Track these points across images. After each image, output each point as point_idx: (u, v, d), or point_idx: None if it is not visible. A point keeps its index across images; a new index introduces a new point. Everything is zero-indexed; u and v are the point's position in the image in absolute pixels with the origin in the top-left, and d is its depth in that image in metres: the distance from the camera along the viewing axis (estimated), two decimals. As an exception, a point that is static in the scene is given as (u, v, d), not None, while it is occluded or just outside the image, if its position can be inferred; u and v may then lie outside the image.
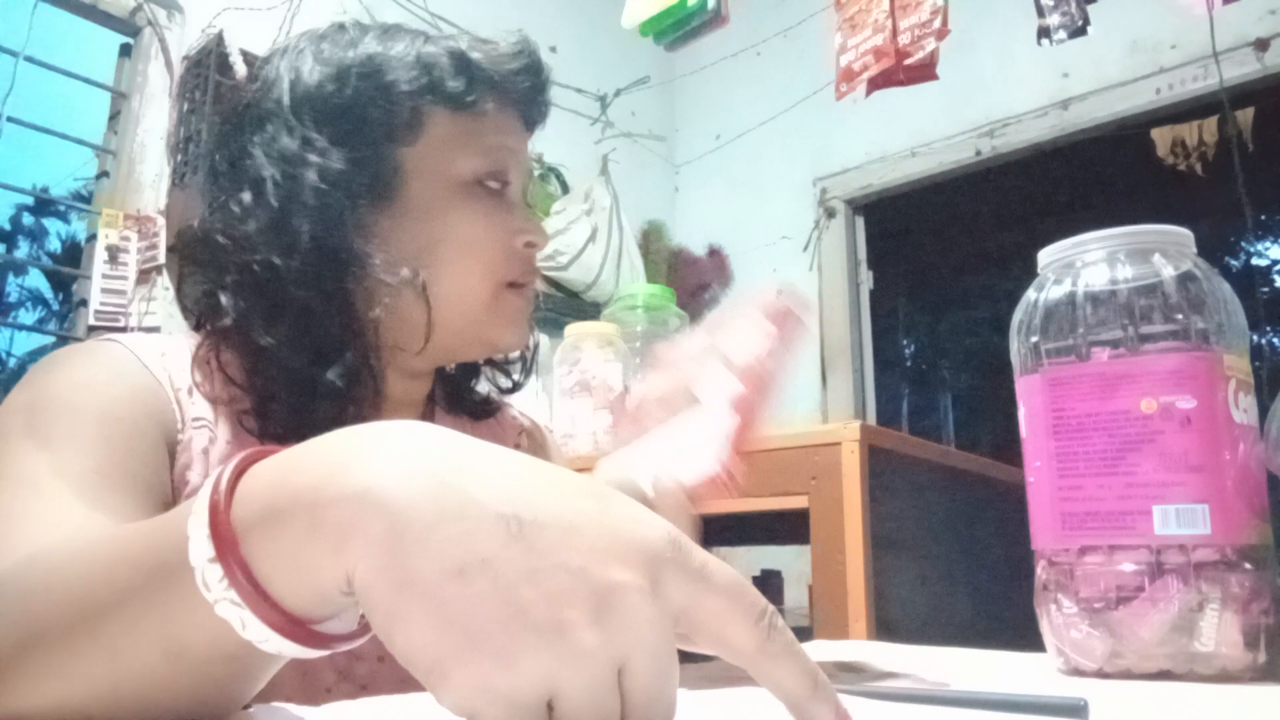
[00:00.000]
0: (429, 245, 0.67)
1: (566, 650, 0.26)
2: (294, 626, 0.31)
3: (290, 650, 0.31)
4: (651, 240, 3.19)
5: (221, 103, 1.97)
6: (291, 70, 0.67)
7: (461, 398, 0.82)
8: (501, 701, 0.26)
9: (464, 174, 0.68)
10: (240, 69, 2.01)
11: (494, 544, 0.27)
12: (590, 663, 0.26)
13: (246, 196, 0.65)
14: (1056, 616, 0.55)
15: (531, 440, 0.87)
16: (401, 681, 0.59)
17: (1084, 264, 0.57)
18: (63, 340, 2.17)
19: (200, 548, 0.31)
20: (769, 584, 2.42)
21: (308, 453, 0.32)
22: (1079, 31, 1.87)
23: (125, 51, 2.16)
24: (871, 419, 2.90)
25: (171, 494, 0.61)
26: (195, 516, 0.31)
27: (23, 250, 15.43)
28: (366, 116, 0.66)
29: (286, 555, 0.30)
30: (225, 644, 0.31)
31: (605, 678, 0.26)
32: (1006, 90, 2.67)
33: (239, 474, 0.32)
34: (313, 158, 0.64)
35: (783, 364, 0.57)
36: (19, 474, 0.53)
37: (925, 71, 1.99)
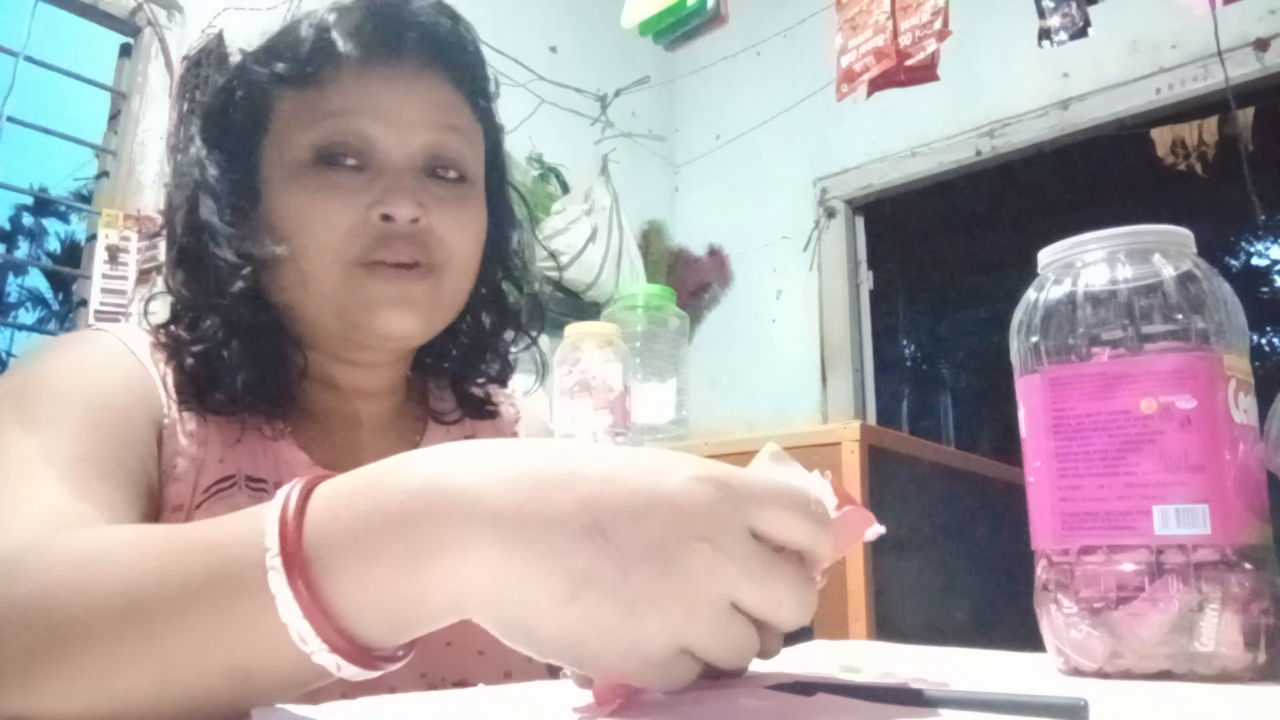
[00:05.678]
0: (278, 231, 0.66)
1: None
2: (366, 655, 0.34)
3: (357, 674, 0.34)
4: (651, 240, 3.19)
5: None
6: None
7: (462, 397, 0.81)
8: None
9: (299, 152, 0.65)
10: (240, 69, 2.01)
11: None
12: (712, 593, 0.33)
13: (173, 200, 0.71)
14: (1056, 616, 0.55)
15: (529, 433, 0.87)
16: (420, 676, 0.59)
17: (1084, 264, 0.57)
18: (63, 340, 2.16)
19: (290, 609, 0.33)
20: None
21: (381, 509, 0.34)
22: (1080, 33, 1.87)
23: (125, 51, 2.16)
24: (871, 419, 2.90)
25: (158, 480, 0.62)
26: (279, 597, 0.33)
27: (23, 250, 15.43)
28: (232, 118, 0.68)
29: (389, 597, 0.33)
30: (300, 673, 0.34)
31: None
32: (1006, 90, 2.67)
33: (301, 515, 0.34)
34: (193, 164, 0.69)
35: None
36: (6, 458, 0.53)
37: (926, 73, 1.99)
